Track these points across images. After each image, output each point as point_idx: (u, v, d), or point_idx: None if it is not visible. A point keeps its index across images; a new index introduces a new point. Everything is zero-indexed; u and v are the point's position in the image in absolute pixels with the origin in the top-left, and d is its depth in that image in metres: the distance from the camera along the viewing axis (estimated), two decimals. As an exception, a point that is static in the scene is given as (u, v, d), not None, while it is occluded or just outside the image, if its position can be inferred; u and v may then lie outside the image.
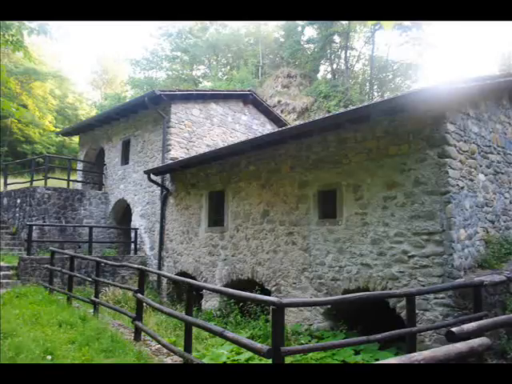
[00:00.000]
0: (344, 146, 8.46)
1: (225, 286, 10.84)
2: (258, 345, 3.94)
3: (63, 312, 8.27)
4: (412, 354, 2.03)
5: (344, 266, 8.19)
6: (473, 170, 7.62)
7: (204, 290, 10.75)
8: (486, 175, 8.06)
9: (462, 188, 7.19)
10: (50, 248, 11.20)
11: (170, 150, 13.76)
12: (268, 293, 9.65)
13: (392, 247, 7.45)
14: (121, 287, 8.54)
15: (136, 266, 7.58)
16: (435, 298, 6.75)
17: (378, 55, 29.92)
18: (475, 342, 2.53)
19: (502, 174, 8.68)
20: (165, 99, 13.68)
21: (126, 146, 16.14)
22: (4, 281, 11.09)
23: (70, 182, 16.72)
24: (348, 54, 29.47)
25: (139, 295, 6.94)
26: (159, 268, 13.33)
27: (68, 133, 20.82)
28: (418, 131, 7.28)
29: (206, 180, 12.12)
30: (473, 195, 7.50)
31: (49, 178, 15.93)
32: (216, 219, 11.76)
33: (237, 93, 16.50)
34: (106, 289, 10.73)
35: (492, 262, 7.37)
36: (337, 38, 29.04)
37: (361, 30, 30.41)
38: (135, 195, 15.15)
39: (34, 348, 5.68)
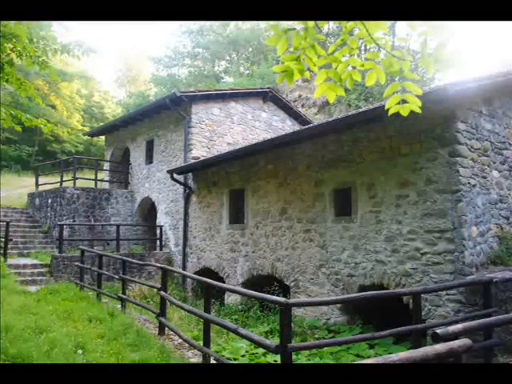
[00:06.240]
0: (358, 145, 8.64)
1: (246, 281, 11.21)
2: (268, 341, 4.27)
3: (93, 308, 8.78)
4: (388, 355, 2.29)
5: (359, 263, 8.41)
6: (486, 167, 7.69)
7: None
8: (500, 172, 8.10)
9: (474, 186, 7.29)
10: (80, 246, 11.79)
11: (191, 150, 14.15)
12: (287, 288, 9.97)
13: (405, 244, 7.63)
14: (145, 285, 8.97)
15: (159, 265, 8.00)
16: (447, 295, 6.91)
17: (399, 45, 29.51)
18: (455, 343, 2.75)
19: (518, 169, 8.70)
20: (185, 100, 14.05)
21: (150, 145, 16.64)
22: (38, 278, 11.77)
23: (98, 182, 17.37)
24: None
25: (162, 293, 7.35)
26: (184, 264, 13.81)
27: (94, 133, 21.55)
28: (430, 130, 7.40)
29: (226, 178, 12.46)
30: (486, 192, 7.59)
31: (77, 178, 16.62)
32: (236, 217, 12.11)
33: (256, 90, 16.71)
34: (133, 285, 11.21)
35: (505, 259, 7.46)
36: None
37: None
38: (160, 193, 15.63)
39: (67, 343, 6.13)
